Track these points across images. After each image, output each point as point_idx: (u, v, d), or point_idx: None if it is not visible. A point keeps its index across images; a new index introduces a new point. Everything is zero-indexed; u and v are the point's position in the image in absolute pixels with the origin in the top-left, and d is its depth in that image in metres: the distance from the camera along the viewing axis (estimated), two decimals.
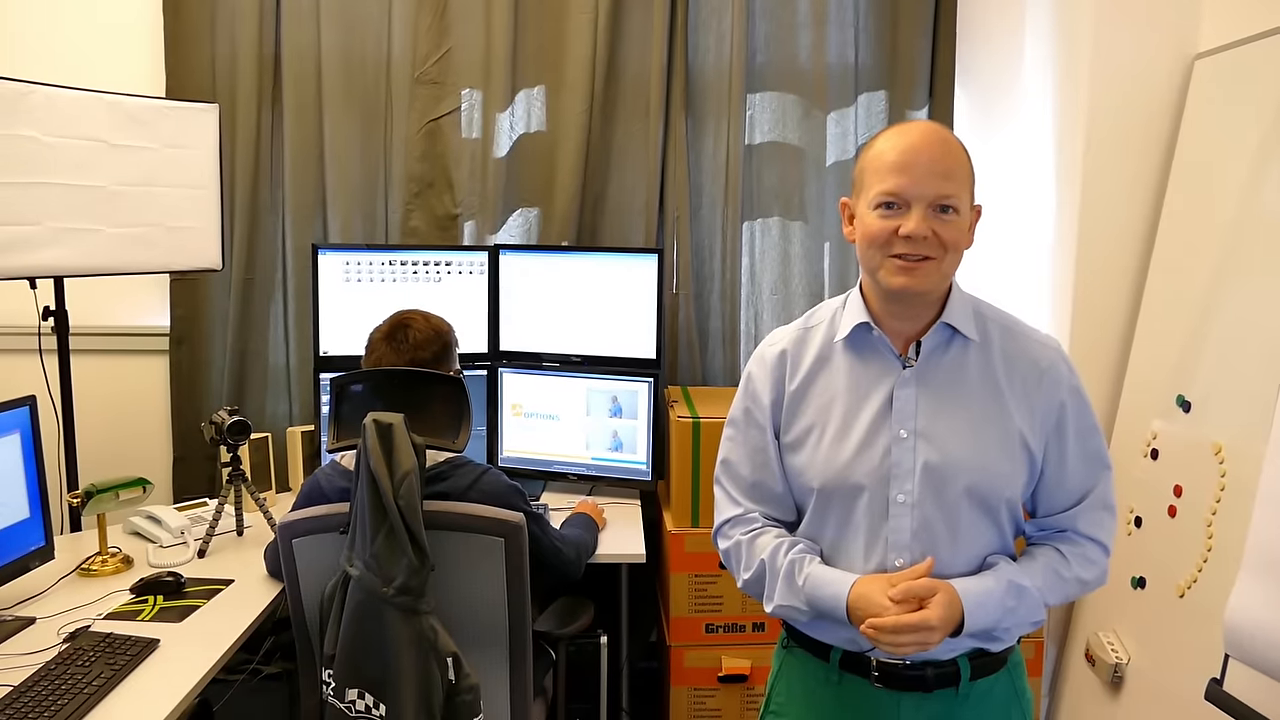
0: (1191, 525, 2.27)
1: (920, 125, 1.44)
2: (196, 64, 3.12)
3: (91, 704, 1.71)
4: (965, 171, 1.40)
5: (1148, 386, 2.55)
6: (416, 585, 1.80)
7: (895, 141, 1.40)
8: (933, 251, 1.37)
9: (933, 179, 1.36)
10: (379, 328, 2.17)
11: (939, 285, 1.41)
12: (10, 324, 2.96)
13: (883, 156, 1.40)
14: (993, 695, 1.49)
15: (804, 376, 1.52)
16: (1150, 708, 2.39)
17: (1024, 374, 1.45)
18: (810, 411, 1.50)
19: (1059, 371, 1.46)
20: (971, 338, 1.45)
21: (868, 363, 1.48)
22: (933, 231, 1.36)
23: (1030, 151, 2.95)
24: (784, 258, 3.31)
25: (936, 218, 1.36)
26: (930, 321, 1.45)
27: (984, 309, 1.50)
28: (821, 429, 1.48)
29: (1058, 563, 1.47)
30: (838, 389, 1.49)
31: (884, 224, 1.38)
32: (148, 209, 2.71)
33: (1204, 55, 2.56)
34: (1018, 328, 1.50)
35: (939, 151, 1.38)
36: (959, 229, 1.38)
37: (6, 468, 2.14)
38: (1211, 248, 2.37)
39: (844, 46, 3.25)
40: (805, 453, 1.50)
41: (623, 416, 2.91)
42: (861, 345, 1.49)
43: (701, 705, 2.77)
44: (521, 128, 3.25)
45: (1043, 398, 1.45)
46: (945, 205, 1.36)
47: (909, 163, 1.37)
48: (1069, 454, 1.47)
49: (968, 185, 1.40)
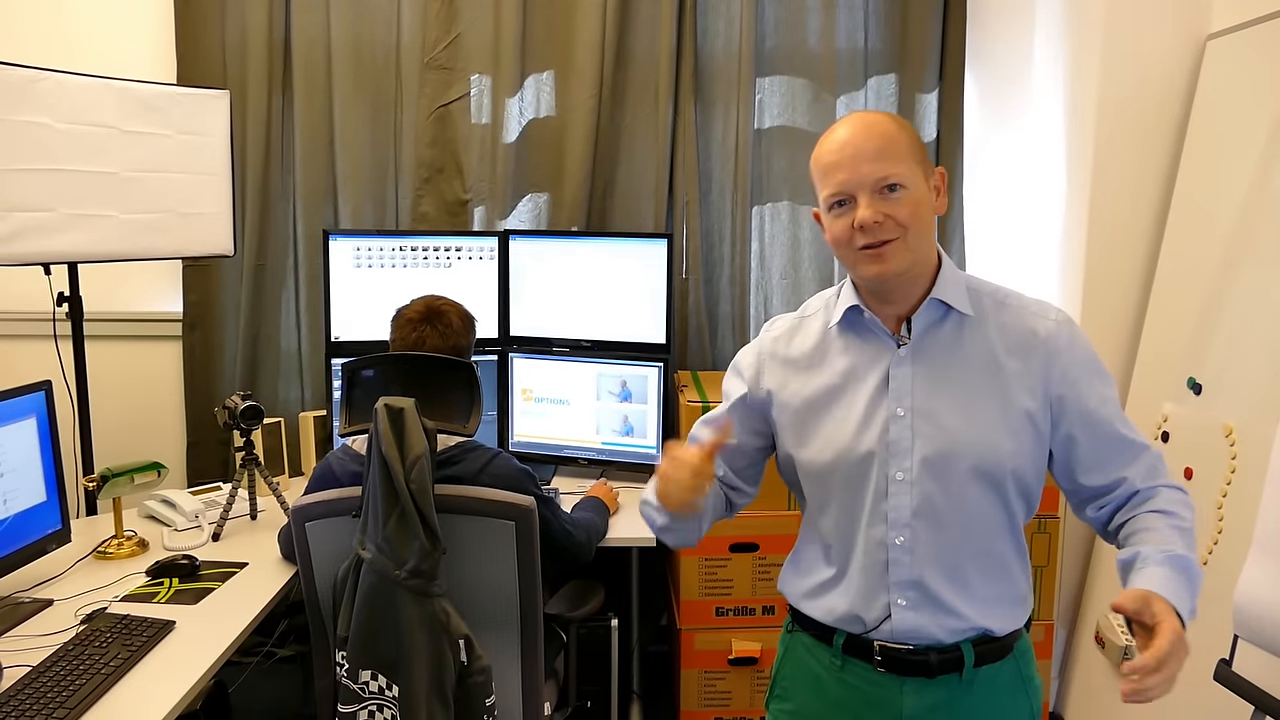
0: (1202, 507, 2.27)
1: (849, 117, 1.45)
2: (207, 50, 3.13)
3: (109, 684, 1.74)
4: (900, 145, 1.39)
5: (1159, 369, 2.55)
6: (428, 568, 1.82)
7: (827, 142, 1.43)
8: (891, 233, 1.37)
9: (866, 164, 1.37)
10: (412, 308, 2.16)
11: (913, 261, 1.41)
12: (25, 310, 2.99)
13: (820, 160, 1.43)
14: (998, 682, 1.49)
15: (801, 363, 1.53)
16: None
17: (1023, 345, 1.44)
18: (807, 396, 1.51)
19: (1058, 340, 1.44)
20: (966, 312, 1.44)
21: (863, 345, 1.49)
22: (884, 215, 1.36)
23: (1041, 134, 2.93)
24: (793, 242, 3.31)
25: (884, 199, 1.37)
26: (920, 299, 1.45)
27: (977, 284, 1.50)
28: (819, 412, 1.49)
29: (1168, 520, 1.40)
30: (834, 373, 1.49)
31: (841, 223, 1.40)
32: (160, 195, 2.72)
33: (1216, 36, 2.54)
34: (1013, 299, 1.48)
35: (863, 136, 1.38)
36: (912, 203, 1.38)
37: (23, 452, 2.16)
38: (1223, 230, 2.36)
39: (854, 30, 3.23)
40: (803, 435, 1.50)
41: (632, 401, 2.92)
42: (855, 328, 1.50)
43: (712, 688, 2.78)
44: (531, 113, 3.25)
45: (1043, 367, 1.43)
46: (889, 184, 1.37)
47: (840, 158, 1.39)
48: (1090, 426, 1.44)
49: (909, 157, 1.39)
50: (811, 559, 1.55)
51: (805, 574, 1.56)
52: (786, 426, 1.53)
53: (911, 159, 1.39)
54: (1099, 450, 1.45)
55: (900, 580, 1.44)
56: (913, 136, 1.42)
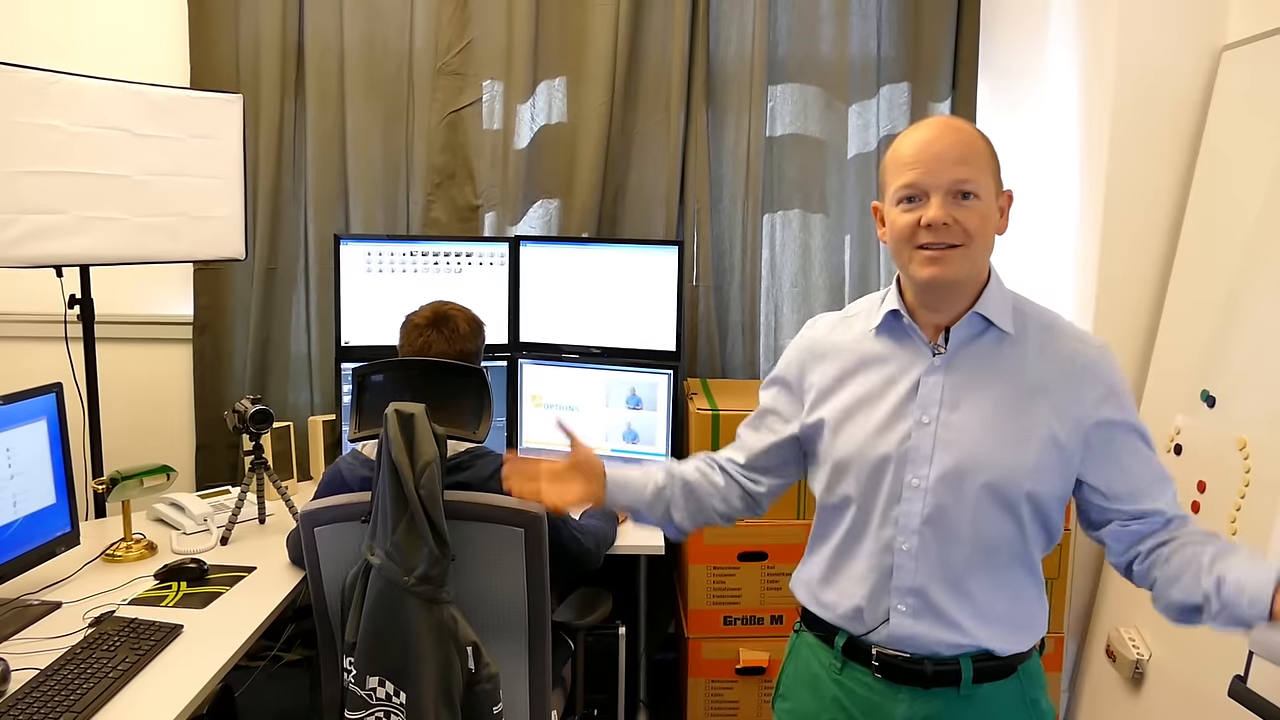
0: (1215, 521, 2.26)
1: (935, 119, 1.46)
2: (220, 54, 3.14)
3: (117, 688, 1.73)
4: (983, 157, 1.40)
5: (1172, 381, 2.53)
6: (437, 574, 1.81)
7: (910, 137, 1.43)
8: (957, 239, 1.37)
9: (947, 166, 1.37)
10: (420, 314, 2.18)
11: (969, 273, 1.41)
12: (37, 311, 2.99)
13: (899, 153, 1.42)
14: (998, 701, 1.47)
15: (838, 362, 1.53)
16: (1172, 704, 2.37)
17: (1062, 371, 1.43)
18: (838, 394, 1.52)
19: (1099, 370, 1.43)
20: (1007, 331, 1.44)
21: (900, 350, 1.49)
22: (954, 218, 1.36)
23: (1054, 145, 2.92)
24: (804, 250, 3.30)
25: (957, 204, 1.37)
26: (963, 312, 1.45)
27: (1025, 306, 1.49)
28: (847, 410, 1.50)
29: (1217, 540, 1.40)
30: (869, 374, 1.50)
31: (907, 218, 1.39)
32: (172, 199, 2.73)
33: (1231, 47, 2.53)
34: (1059, 325, 1.48)
35: (952, 139, 1.39)
36: (982, 214, 1.38)
37: (33, 454, 2.16)
38: (1237, 241, 2.35)
39: (866, 38, 3.23)
40: (828, 431, 1.51)
41: (642, 408, 2.92)
42: (894, 333, 1.50)
43: (719, 697, 2.77)
44: (542, 119, 3.25)
45: (1080, 395, 1.41)
46: (964, 191, 1.37)
47: (923, 154, 1.39)
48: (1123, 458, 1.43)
49: (988, 170, 1.40)
50: (821, 557, 1.56)
51: (813, 571, 1.57)
52: (818, 423, 1.53)
53: (989, 172, 1.40)
54: (1137, 478, 1.44)
55: (902, 586, 1.44)
56: (993, 151, 1.43)
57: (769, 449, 1.62)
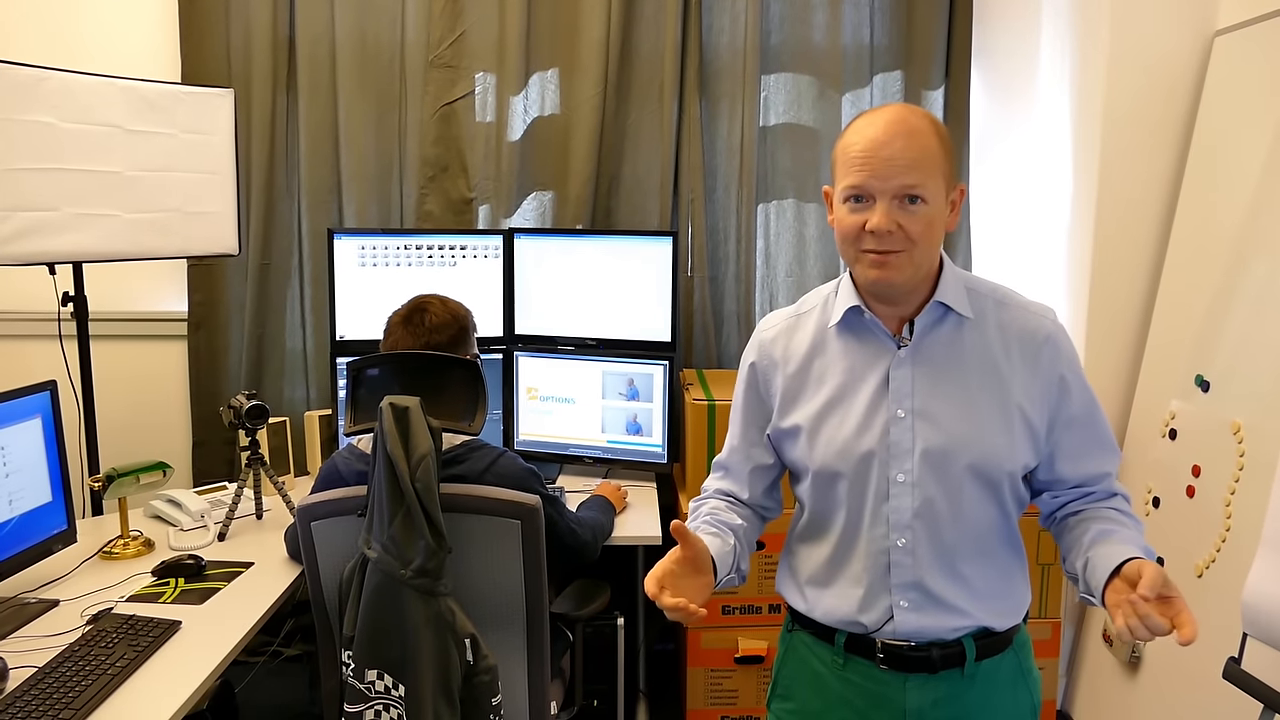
0: (1210, 505, 2.27)
1: (886, 113, 1.38)
2: (211, 49, 3.13)
3: (115, 685, 1.74)
4: (934, 159, 1.36)
5: (1166, 366, 2.54)
6: (434, 567, 1.81)
7: (863, 132, 1.38)
8: (899, 245, 1.35)
9: (896, 171, 1.34)
10: (397, 311, 2.18)
11: (913, 276, 1.40)
12: (30, 310, 2.99)
13: (848, 149, 1.38)
14: (999, 674, 1.50)
15: (799, 363, 1.52)
16: (1168, 688, 2.38)
17: (1021, 345, 1.44)
18: (807, 397, 1.50)
19: (1057, 343, 1.45)
20: (966, 315, 1.44)
21: (863, 345, 1.48)
22: (898, 225, 1.34)
23: (1047, 131, 2.92)
24: (799, 240, 3.30)
25: (902, 210, 1.35)
26: (923, 301, 1.44)
27: (975, 284, 1.49)
28: (819, 413, 1.48)
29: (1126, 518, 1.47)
30: (834, 373, 1.49)
31: (853, 219, 1.37)
32: (164, 194, 2.72)
33: (1224, 31, 2.53)
34: (1011, 299, 1.49)
35: (902, 144, 1.34)
36: (928, 219, 1.36)
37: (28, 452, 2.16)
38: (1231, 225, 2.35)
39: (859, 26, 3.22)
40: (803, 437, 1.50)
41: (638, 399, 2.92)
42: (855, 329, 1.49)
43: (718, 686, 2.78)
44: (535, 111, 3.24)
45: (1042, 369, 1.44)
46: (911, 196, 1.34)
47: (872, 157, 1.35)
48: (1076, 427, 1.47)
49: (938, 171, 1.37)
50: (811, 562, 1.54)
51: (805, 577, 1.56)
52: (793, 429, 1.52)
53: (940, 174, 1.37)
54: (1085, 444, 1.49)
55: (902, 583, 1.44)
56: (948, 149, 1.41)
57: (764, 474, 1.62)
